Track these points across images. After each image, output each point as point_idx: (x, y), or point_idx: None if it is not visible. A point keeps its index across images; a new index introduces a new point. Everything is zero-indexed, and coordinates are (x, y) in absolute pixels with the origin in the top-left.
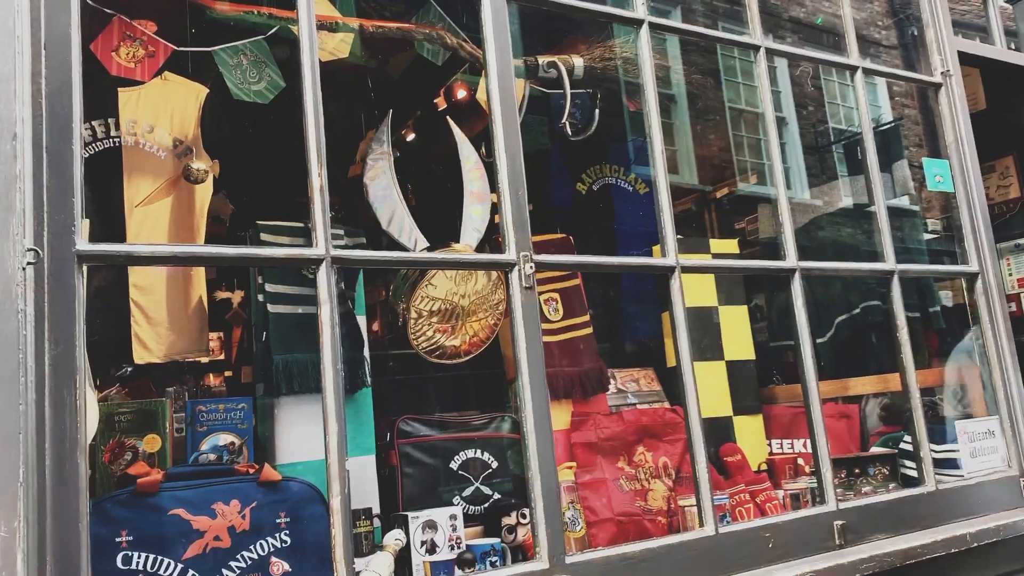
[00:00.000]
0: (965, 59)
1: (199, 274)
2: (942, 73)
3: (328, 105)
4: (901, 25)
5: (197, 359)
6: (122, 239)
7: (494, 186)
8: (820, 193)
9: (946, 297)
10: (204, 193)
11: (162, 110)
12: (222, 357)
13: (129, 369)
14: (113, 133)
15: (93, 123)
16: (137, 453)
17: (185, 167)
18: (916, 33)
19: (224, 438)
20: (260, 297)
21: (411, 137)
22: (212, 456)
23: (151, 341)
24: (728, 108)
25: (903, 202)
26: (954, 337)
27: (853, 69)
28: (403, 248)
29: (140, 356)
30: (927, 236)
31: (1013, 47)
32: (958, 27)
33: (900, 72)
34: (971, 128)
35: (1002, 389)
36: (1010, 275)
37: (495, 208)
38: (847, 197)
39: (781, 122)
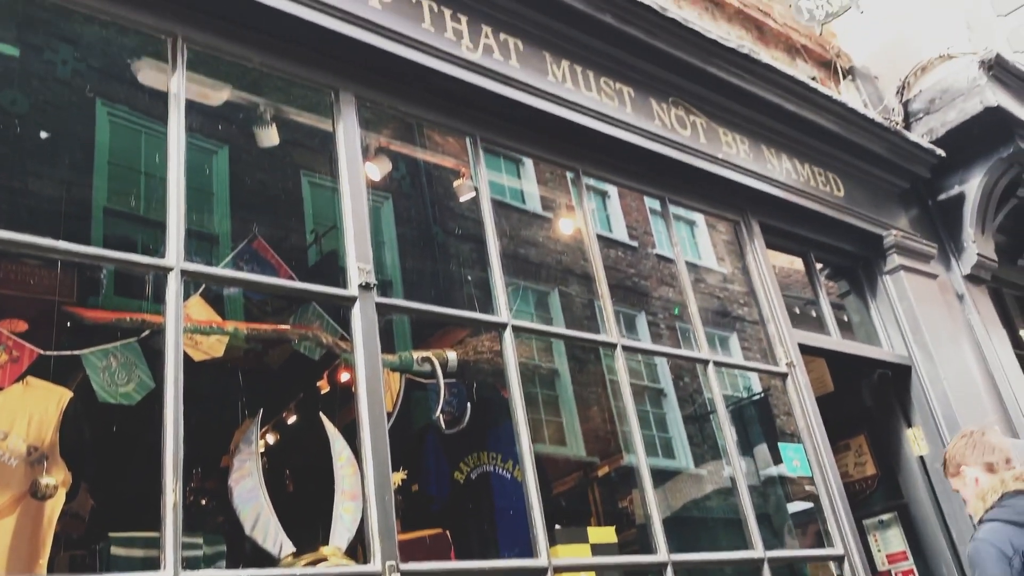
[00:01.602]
0: (807, 349)
1: None
2: (787, 364)
3: (202, 395)
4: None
5: None
6: None
7: None
8: (703, 463)
9: None
10: (54, 507)
11: (19, 416)
12: None
13: None
14: None
15: None
16: None
17: (33, 483)
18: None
19: None
20: None
21: (292, 420)
22: None
23: None
24: (609, 380)
25: (783, 469)
26: None
27: (704, 363)
28: (267, 553)
29: None
30: (807, 505)
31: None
32: (811, 303)
33: (748, 364)
34: (819, 414)
35: None
36: (879, 551)
37: None
38: (728, 467)
39: (659, 393)
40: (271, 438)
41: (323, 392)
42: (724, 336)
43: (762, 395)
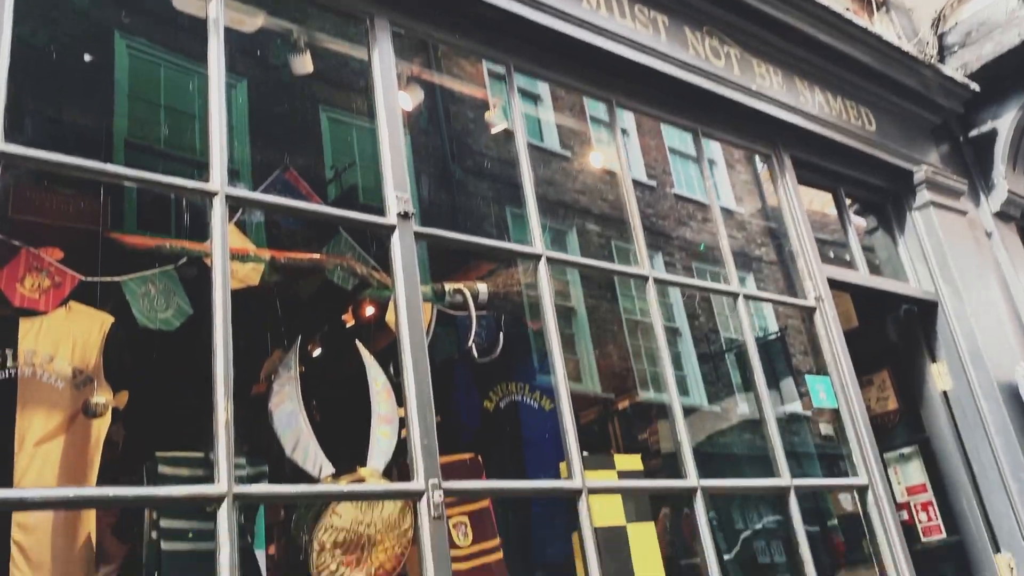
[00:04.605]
0: (835, 284)
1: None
2: (815, 298)
3: (236, 323)
4: (779, 245)
5: None
6: (10, 476)
7: (400, 402)
8: (718, 401)
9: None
10: (101, 426)
11: (63, 340)
12: None
13: None
14: (10, 364)
15: None
16: None
17: (84, 402)
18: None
19: None
20: (153, 534)
21: (317, 352)
22: None
23: None
24: (625, 319)
25: (797, 407)
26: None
27: (735, 296)
28: (307, 475)
29: None
30: (821, 441)
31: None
32: (834, 245)
33: (778, 297)
34: (846, 347)
35: None
36: (899, 484)
37: (403, 422)
38: (743, 404)
39: (674, 332)
40: (301, 368)
41: (354, 322)
42: (741, 277)
43: (778, 335)
